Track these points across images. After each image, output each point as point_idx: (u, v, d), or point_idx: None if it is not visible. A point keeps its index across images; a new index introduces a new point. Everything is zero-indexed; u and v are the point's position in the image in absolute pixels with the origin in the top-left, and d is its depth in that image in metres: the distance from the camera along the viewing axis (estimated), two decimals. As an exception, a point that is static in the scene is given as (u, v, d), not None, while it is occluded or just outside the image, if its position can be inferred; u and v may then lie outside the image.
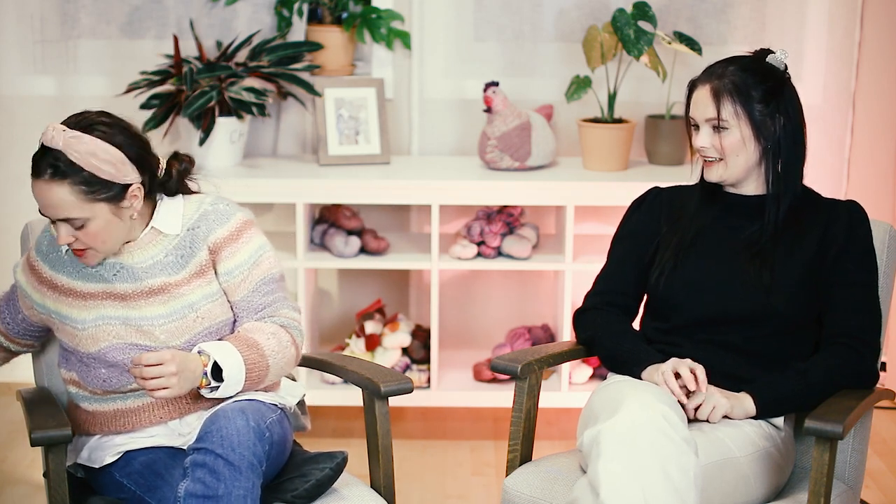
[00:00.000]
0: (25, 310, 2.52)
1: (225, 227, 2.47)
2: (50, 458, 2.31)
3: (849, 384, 2.50)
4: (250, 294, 2.47)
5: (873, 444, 3.79)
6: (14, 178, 4.15)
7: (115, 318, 2.40)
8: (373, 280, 4.22)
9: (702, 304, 2.59)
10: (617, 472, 2.21)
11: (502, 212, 3.89)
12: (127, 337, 2.40)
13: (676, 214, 2.70)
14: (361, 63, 4.14)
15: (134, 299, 2.41)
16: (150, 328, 2.40)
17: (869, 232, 2.60)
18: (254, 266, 2.47)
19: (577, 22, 4.06)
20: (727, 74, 2.57)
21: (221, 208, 2.48)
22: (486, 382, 3.94)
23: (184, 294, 2.42)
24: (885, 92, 4.09)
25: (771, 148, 2.57)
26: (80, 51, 4.07)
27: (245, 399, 2.37)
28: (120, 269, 2.42)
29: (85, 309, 2.41)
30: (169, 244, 2.45)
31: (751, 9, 4.06)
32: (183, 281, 2.43)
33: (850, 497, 2.59)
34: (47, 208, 2.34)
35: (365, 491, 2.44)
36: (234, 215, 2.49)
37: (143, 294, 2.41)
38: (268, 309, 2.48)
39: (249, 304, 2.47)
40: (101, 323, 2.40)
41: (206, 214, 2.47)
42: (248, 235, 2.48)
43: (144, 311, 2.41)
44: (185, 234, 2.45)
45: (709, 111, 2.56)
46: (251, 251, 2.47)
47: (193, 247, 2.45)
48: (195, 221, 2.47)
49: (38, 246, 2.50)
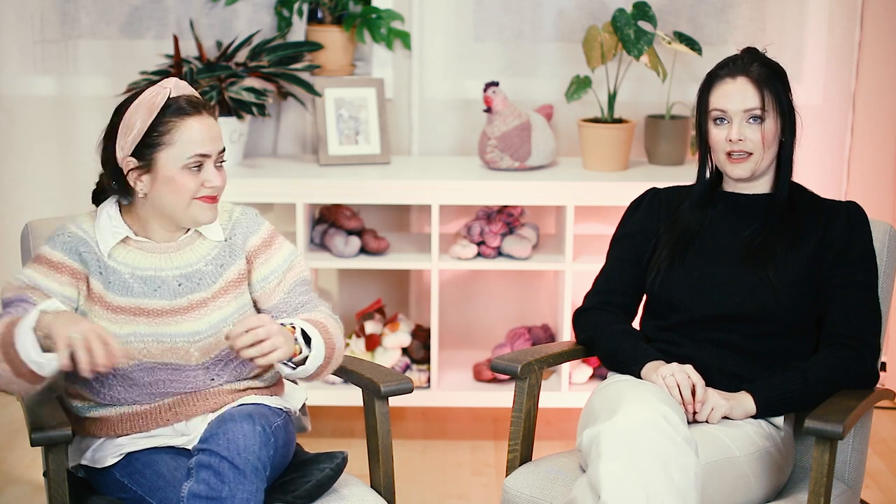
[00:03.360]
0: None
1: (258, 234, 2.50)
2: (50, 458, 2.30)
3: (849, 384, 2.50)
4: (286, 296, 2.49)
5: (873, 444, 3.79)
6: (14, 178, 4.15)
7: (148, 336, 2.37)
8: (373, 280, 4.22)
9: (702, 303, 2.59)
10: (617, 472, 2.21)
11: (502, 212, 3.89)
12: (158, 356, 2.37)
13: (675, 214, 2.70)
14: (361, 63, 4.14)
15: (170, 315, 2.39)
16: (185, 345, 2.38)
17: (869, 232, 2.60)
18: (287, 270, 2.51)
19: (577, 22, 4.06)
20: (755, 66, 2.57)
21: (251, 216, 2.52)
22: (486, 382, 3.94)
23: (220, 307, 2.42)
24: (885, 92, 4.09)
25: (786, 141, 2.58)
26: (80, 51, 4.07)
27: (251, 403, 2.38)
28: (161, 285, 2.39)
29: (115, 323, 2.37)
30: (209, 252, 2.45)
31: (751, 9, 4.06)
32: (218, 293, 2.43)
33: (850, 497, 2.59)
34: (213, 141, 2.36)
35: (365, 491, 2.44)
36: (262, 223, 2.53)
37: (180, 311, 2.39)
38: (306, 307, 2.50)
39: (287, 305, 2.49)
40: (132, 340, 2.36)
41: (238, 222, 2.50)
42: (278, 242, 2.52)
43: (180, 328, 2.39)
44: (223, 243, 2.46)
45: (749, 101, 2.55)
46: (284, 256, 2.51)
47: (233, 256, 2.46)
48: (230, 230, 2.48)
49: (56, 243, 2.40)
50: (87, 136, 4.10)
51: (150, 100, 2.34)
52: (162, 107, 2.33)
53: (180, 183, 2.35)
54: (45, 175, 4.15)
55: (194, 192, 2.36)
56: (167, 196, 2.36)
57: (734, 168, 2.59)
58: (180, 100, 2.35)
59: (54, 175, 4.14)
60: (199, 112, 2.35)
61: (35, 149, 4.13)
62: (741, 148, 2.57)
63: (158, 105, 2.33)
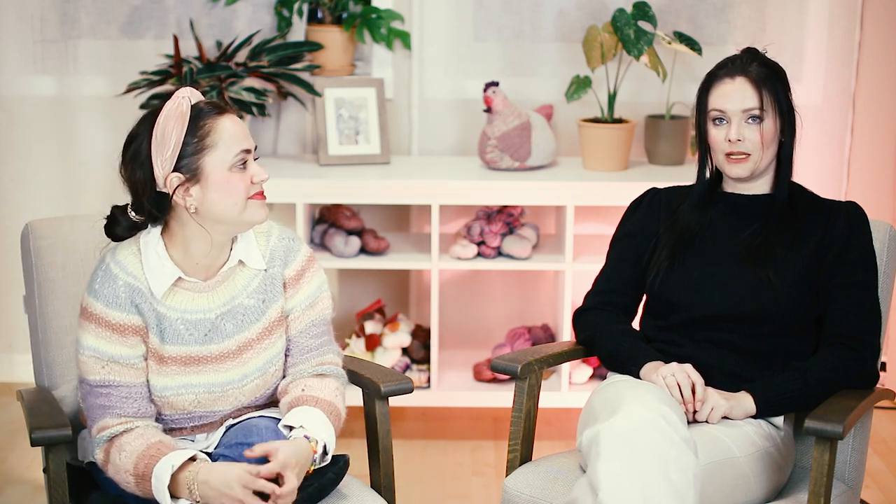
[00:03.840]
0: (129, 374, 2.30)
1: (292, 265, 2.40)
2: (50, 457, 2.30)
3: (849, 384, 2.50)
4: (299, 334, 2.42)
5: (873, 444, 3.79)
6: (14, 178, 4.15)
7: (200, 386, 2.32)
8: (373, 280, 4.22)
9: (702, 303, 2.59)
10: (616, 472, 2.21)
11: (502, 212, 3.89)
12: (208, 405, 2.33)
13: (674, 214, 2.70)
14: (361, 63, 4.15)
15: (219, 362, 2.33)
16: (234, 392, 2.35)
17: (869, 232, 2.60)
18: (309, 307, 2.42)
19: (577, 22, 4.06)
20: (753, 66, 2.57)
21: (287, 243, 2.40)
22: (486, 382, 3.94)
23: (265, 349, 2.37)
24: (885, 92, 4.09)
25: (785, 141, 2.58)
26: (80, 51, 4.07)
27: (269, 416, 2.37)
28: (210, 329, 2.31)
29: (166, 375, 2.30)
30: (250, 283, 2.36)
31: (751, 9, 4.06)
32: (263, 334, 2.37)
33: (850, 497, 2.59)
34: (248, 137, 2.29)
35: (365, 491, 2.44)
36: (299, 251, 2.42)
37: (229, 356, 2.33)
38: (314, 352, 2.43)
39: (297, 343, 2.42)
40: (183, 392, 2.31)
41: (276, 250, 2.40)
42: (310, 273, 2.42)
43: (230, 375, 2.34)
44: (264, 273, 2.37)
45: (748, 101, 2.55)
46: (310, 291, 2.42)
47: (274, 290, 2.38)
48: (269, 259, 2.39)
49: (109, 299, 2.27)
50: (87, 136, 4.11)
51: (175, 110, 2.23)
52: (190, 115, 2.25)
53: (232, 184, 2.25)
54: (45, 175, 4.15)
55: (247, 192, 2.27)
56: (221, 202, 2.25)
57: (733, 168, 2.59)
58: (201, 104, 2.27)
59: (54, 175, 4.14)
60: (227, 111, 2.28)
61: (35, 149, 4.13)
62: (740, 148, 2.57)
63: (186, 112, 2.23)
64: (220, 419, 2.39)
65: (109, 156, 4.01)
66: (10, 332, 4.28)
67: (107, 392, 2.26)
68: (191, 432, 2.39)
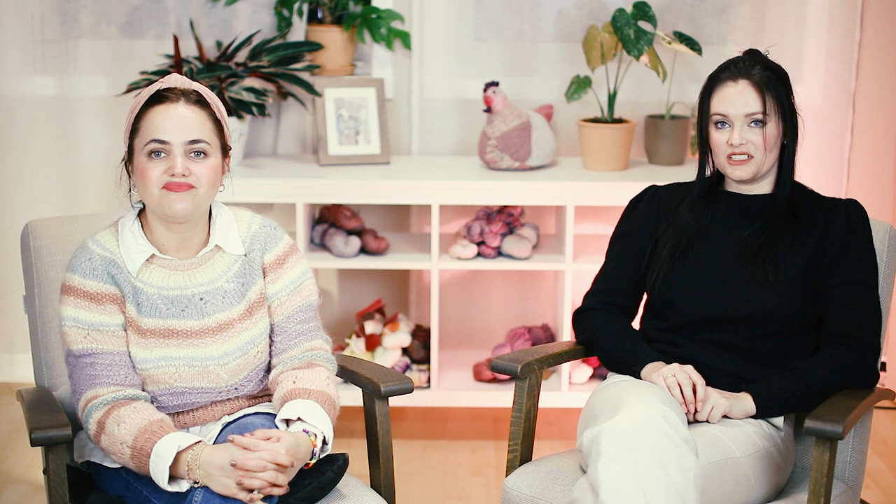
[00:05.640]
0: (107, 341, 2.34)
1: (273, 251, 2.45)
2: (50, 457, 2.30)
3: (849, 384, 2.50)
4: (286, 320, 2.44)
5: (873, 444, 3.79)
6: (14, 178, 4.15)
7: (179, 359, 2.34)
8: (373, 280, 4.22)
9: (702, 304, 2.59)
10: (616, 472, 2.21)
11: (502, 212, 3.89)
12: (189, 380, 2.34)
13: (674, 213, 2.70)
14: (361, 63, 4.14)
15: (199, 337, 2.36)
16: (215, 368, 2.36)
17: (869, 230, 2.60)
18: (294, 292, 2.45)
19: (577, 22, 4.06)
20: (756, 69, 2.56)
21: (269, 230, 2.46)
22: (486, 382, 3.94)
23: (246, 329, 2.39)
24: (885, 92, 4.09)
25: (788, 143, 2.58)
26: (80, 51, 4.07)
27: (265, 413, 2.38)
28: (187, 304, 2.35)
29: (146, 347, 2.34)
30: (229, 268, 2.41)
31: (751, 9, 4.06)
32: (244, 315, 2.40)
33: (850, 497, 2.59)
34: (182, 129, 2.28)
35: (365, 491, 2.44)
36: (281, 238, 2.47)
37: (209, 332, 2.36)
38: (302, 337, 2.45)
39: (283, 329, 2.44)
40: (163, 364, 2.34)
41: (256, 237, 2.44)
42: (292, 260, 2.46)
43: (210, 351, 2.36)
44: (243, 258, 2.42)
45: (750, 105, 2.55)
46: (294, 277, 2.46)
47: (252, 274, 2.42)
48: (249, 245, 2.43)
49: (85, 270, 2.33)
50: (87, 136, 4.11)
51: (146, 91, 2.33)
52: (148, 99, 2.32)
53: (143, 171, 2.30)
54: (45, 175, 4.15)
55: (158, 182, 2.29)
56: (141, 188, 2.32)
57: (735, 170, 2.59)
58: (165, 90, 2.32)
59: (54, 175, 4.14)
60: (175, 101, 2.30)
61: (35, 149, 4.13)
62: (743, 150, 2.57)
63: (144, 97, 2.32)
64: (210, 403, 2.39)
65: (109, 156, 4.07)
66: (10, 332, 4.28)
67: (91, 361, 2.30)
68: (182, 426, 2.39)
